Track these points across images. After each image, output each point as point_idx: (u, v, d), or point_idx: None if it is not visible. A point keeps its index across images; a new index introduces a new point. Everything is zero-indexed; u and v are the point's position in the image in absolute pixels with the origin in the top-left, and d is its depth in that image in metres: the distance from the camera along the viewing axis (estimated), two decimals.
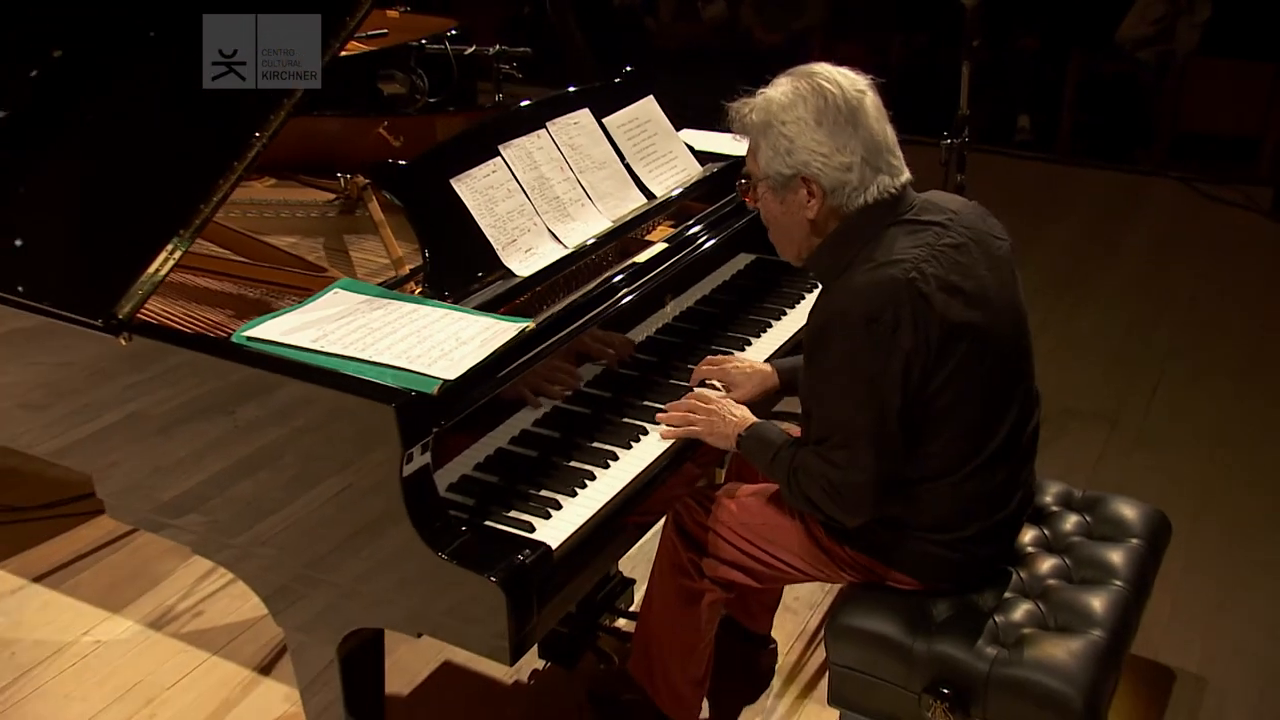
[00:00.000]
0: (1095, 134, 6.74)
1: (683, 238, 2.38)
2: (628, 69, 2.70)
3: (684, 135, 2.66)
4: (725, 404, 2.07)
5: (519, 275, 2.10)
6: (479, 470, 1.91)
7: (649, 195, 2.45)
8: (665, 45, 7.98)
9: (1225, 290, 4.89)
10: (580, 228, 2.26)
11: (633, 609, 2.51)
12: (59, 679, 2.64)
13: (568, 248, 2.20)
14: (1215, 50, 6.35)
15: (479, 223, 2.09)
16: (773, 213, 1.93)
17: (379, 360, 1.74)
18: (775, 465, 1.95)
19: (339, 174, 2.65)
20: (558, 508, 1.85)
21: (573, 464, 1.97)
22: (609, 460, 1.98)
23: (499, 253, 2.09)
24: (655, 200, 2.45)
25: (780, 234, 1.96)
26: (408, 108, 3.48)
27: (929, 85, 5.50)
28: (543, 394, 2.03)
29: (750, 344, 2.42)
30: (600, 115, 2.44)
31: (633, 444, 2.03)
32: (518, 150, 2.23)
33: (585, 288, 2.13)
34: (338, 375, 1.71)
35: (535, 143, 2.27)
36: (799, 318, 2.51)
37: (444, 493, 1.80)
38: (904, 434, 1.81)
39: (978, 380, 1.83)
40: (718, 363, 2.22)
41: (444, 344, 1.78)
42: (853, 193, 1.84)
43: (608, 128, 2.45)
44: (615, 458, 1.99)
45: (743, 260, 2.61)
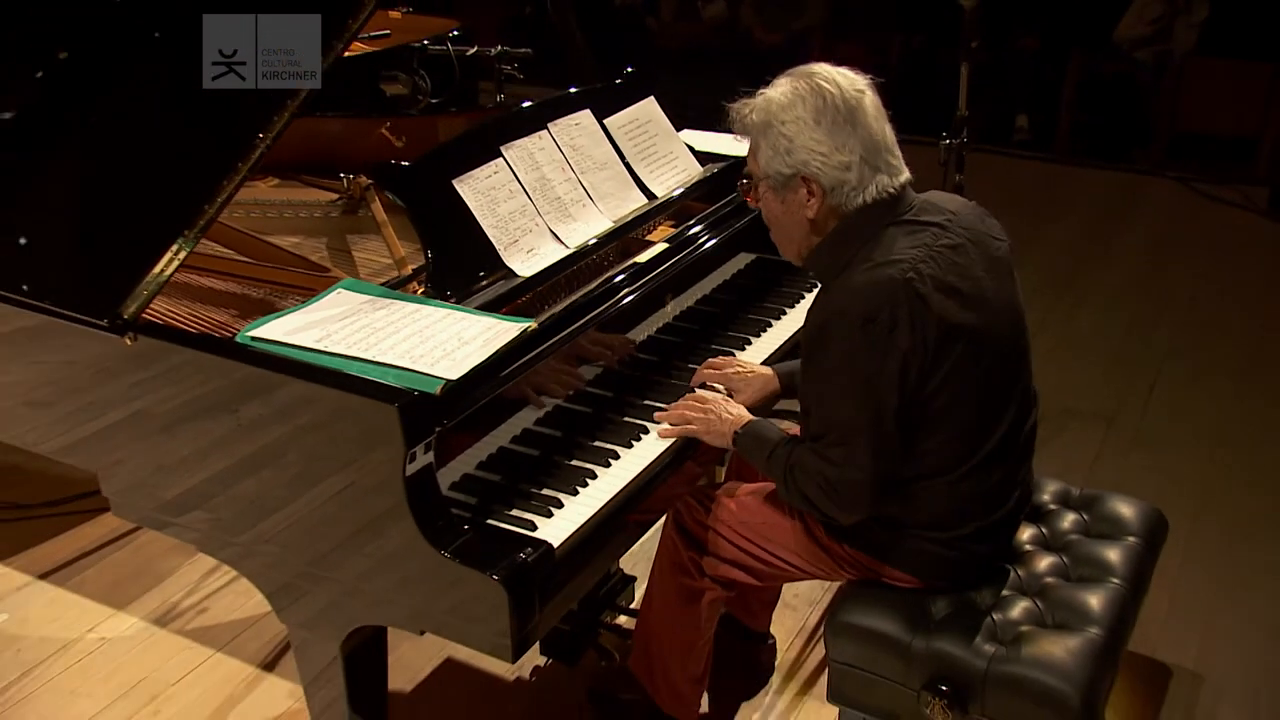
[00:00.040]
0: (1094, 134, 6.74)
1: (683, 238, 2.39)
2: (629, 70, 2.71)
3: (684, 136, 2.66)
4: (722, 403, 2.09)
5: (521, 275, 2.11)
6: (481, 469, 1.92)
7: (650, 195, 2.46)
8: (666, 45, 7.98)
9: (1224, 290, 4.90)
10: (582, 228, 2.27)
11: (633, 606, 2.52)
12: (64, 675, 2.66)
13: (569, 248, 2.21)
14: (1213, 50, 6.36)
15: (481, 223, 2.10)
16: (774, 212, 1.95)
17: (382, 360, 1.75)
18: (772, 462, 1.96)
19: (342, 174, 2.66)
20: (559, 506, 1.86)
21: (574, 463, 1.98)
22: (610, 459, 1.99)
23: (501, 253, 2.10)
24: (656, 200, 2.46)
25: (781, 233, 1.97)
26: (410, 108, 3.49)
27: (928, 85, 5.53)
28: (544, 393, 2.04)
29: (750, 343, 2.43)
30: (601, 116, 2.45)
31: (634, 443, 2.04)
32: (519, 151, 2.24)
33: (587, 287, 2.14)
34: (341, 375, 1.72)
35: (537, 143, 2.28)
36: (799, 317, 2.51)
37: (446, 491, 1.81)
38: (901, 433, 1.82)
39: (974, 380, 1.84)
40: (719, 366, 2.23)
41: (446, 344, 1.79)
42: (851, 192, 1.85)
43: (609, 128, 2.46)
44: (616, 456, 2.00)
45: (743, 260, 2.62)
